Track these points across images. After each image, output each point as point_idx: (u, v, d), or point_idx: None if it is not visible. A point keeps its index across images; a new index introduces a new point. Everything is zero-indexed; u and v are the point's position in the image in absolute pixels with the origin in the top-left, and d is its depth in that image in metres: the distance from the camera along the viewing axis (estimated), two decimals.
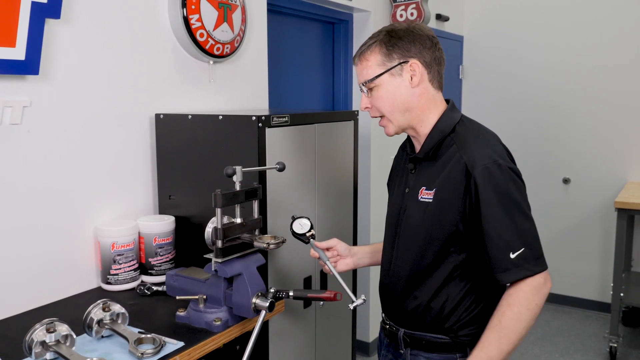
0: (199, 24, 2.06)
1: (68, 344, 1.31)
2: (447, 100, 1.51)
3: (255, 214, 1.57)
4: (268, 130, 1.78)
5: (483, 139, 1.43)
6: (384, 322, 1.61)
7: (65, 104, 1.75)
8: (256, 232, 1.57)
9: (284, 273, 1.97)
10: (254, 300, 1.47)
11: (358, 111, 2.39)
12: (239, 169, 1.49)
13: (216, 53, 2.16)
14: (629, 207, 3.46)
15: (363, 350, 3.61)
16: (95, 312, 1.40)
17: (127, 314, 1.46)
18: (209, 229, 1.50)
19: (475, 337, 1.43)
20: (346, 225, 2.34)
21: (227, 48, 2.21)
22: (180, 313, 1.55)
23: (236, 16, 2.21)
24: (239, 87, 2.40)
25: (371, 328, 3.61)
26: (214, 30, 2.12)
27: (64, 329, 1.31)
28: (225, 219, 1.51)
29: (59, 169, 1.75)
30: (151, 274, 1.87)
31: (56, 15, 1.63)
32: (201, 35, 2.08)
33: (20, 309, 1.66)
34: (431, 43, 1.43)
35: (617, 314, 3.53)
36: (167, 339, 1.41)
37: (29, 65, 1.59)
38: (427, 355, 1.47)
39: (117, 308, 1.44)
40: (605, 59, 4.13)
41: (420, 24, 1.47)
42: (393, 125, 1.46)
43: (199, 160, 1.90)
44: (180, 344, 1.40)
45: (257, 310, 1.47)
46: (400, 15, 3.52)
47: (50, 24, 1.66)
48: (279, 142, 1.86)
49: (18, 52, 1.55)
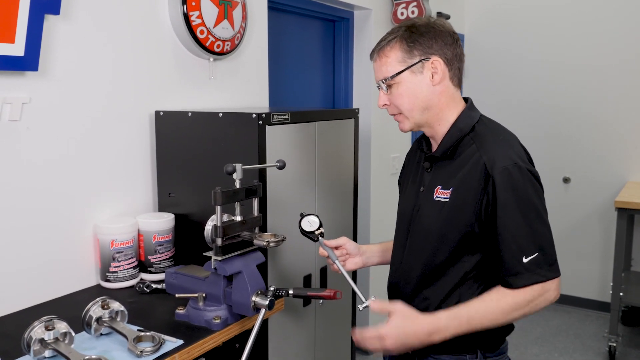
0: (199, 21, 2.05)
1: (67, 341, 1.31)
2: (466, 99, 1.48)
3: (255, 212, 1.56)
4: (268, 128, 1.78)
5: (503, 139, 1.40)
6: None
7: (64, 101, 1.74)
8: (256, 230, 1.56)
9: (283, 271, 1.96)
10: (253, 298, 1.47)
11: (358, 109, 2.38)
12: (239, 166, 1.49)
13: (216, 50, 2.16)
14: (629, 207, 3.46)
15: (362, 349, 3.60)
16: (94, 310, 1.40)
17: (126, 312, 1.45)
18: (208, 227, 1.50)
19: (486, 338, 1.42)
20: (346, 223, 2.33)
21: (228, 45, 2.20)
22: (180, 311, 1.55)
23: (237, 13, 2.21)
24: (239, 85, 2.40)
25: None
26: (214, 27, 2.11)
27: (62, 326, 1.31)
28: (225, 217, 1.50)
29: (58, 166, 1.74)
30: (150, 272, 1.86)
31: (55, 11, 1.63)
32: (201, 32, 2.07)
33: (19, 306, 1.65)
34: (452, 39, 1.40)
35: (617, 313, 3.53)
36: (166, 337, 1.40)
37: (28, 62, 1.58)
38: (436, 356, 1.44)
39: (116, 306, 1.44)
40: (606, 58, 4.13)
41: (441, 20, 1.44)
42: (409, 122, 1.43)
43: (199, 158, 1.90)
44: (180, 342, 1.40)
45: (257, 309, 1.47)
46: (401, 13, 3.51)
47: (49, 20, 1.65)
48: (279, 140, 1.86)
49: (17, 48, 1.54)
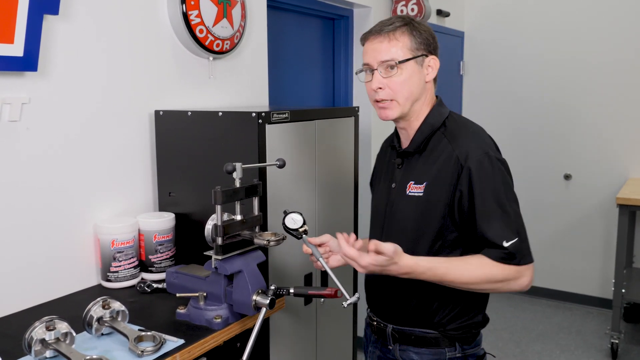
0: (198, 20, 2.05)
1: (68, 341, 1.31)
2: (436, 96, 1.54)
3: (256, 211, 1.56)
4: (268, 127, 1.78)
5: (473, 132, 1.45)
6: (370, 319, 1.61)
7: (64, 101, 1.74)
8: (256, 229, 1.56)
9: (284, 270, 1.96)
10: (254, 297, 1.46)
11: (359, 107, 2.38)
12: (239, 165, 1.49)
13: (216, 49, 2.15)
14: (630, 204, 3.45)
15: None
16: (95, 310, 1.40)
17: (127, 312, 1.45)
18: (209, 226, 1.49)
19: (464, 331, 1.46)
20: (347, 221, 2.33)
21: (227, 44, 2.20)
22: (181, 310, 1.55)
23: (236, 12, 2.20)
24: (239, 84, 2.40)
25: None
26: (213, 26, 2.11)
27: (63, 326, 1.31)
28: (225, 216, 1.50)
29: (58, 165, 1.74)
30: (151, 271, 1.86)
31: (54, 11, 1.62)
32: (200, 31, 2.07)
33: (20, 306, 1.65)
34: (437, 43, 1.48)
35: (619, 310, 3.53)
36: (167, 337, 1.40)
37: (28, 62, 1.58)
38: (416, 350, 1.48)
39: (117, 305, 1.44)
40: (607, 55, 4.12)
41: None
42: (398, 110, 1.44)
43: (199, 157, 1.90)
44: (181, 341, 1.40)
45: (258, 308, 1.47)
46: (401, 11, 3.50)
47: (48, 20, 1.65)
48: (279, 139, 1.85)
49: (16, 49, 1.54)
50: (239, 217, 1.51)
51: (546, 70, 4.36)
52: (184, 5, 2.01)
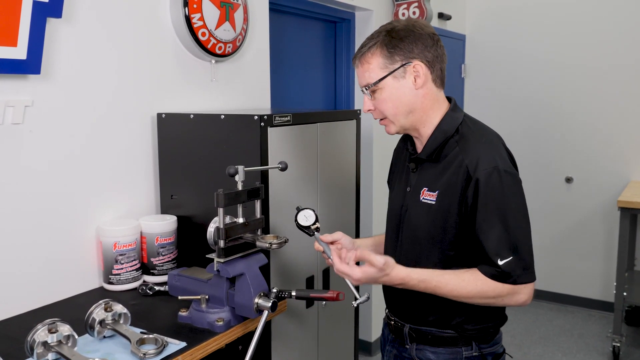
0: (200, 23, 2.05)
1: (70, 344, 1.31)
2: (449, 99, 1.49)
3: (258, 214, 1.56)
4: (270, 130, 1.78)
5: (486, 141, 1.41)
6: (388, 318, 1.61)
7: (67, 104, 1.74)
8: (258, 232, 1.56)
9: (286, 273, 1.96)
10: (256, 300, 1.47)
11: (360, 110, 2.38)
12: (241, 168, 1.49)
13: (218, 52, 2.16)
14: (632, 207, 3.45)
15: (365, 349, 3.60)
16: (97, 312, 1.40)
17: (129, 314, 1.45)
18: (211, 229, 1.50)
19: (482, 331, 1.45)
20: (349, 224, 2.33)
21: (229, 47, 2.20)
22: (183, 313, 1.55)
23: (238, 15, 2.21)
24: (241, 87, 2.40)
25: (374, 327, 3.60)
26: (215, 29, 2.11)
27: (65, 329, 1.31)
28: (228, 219, 1.50)
29: (61, 168, 1.75)
30: (153, 274, 1.86)
31: (57, 14, 1.63)
32: (203, 34, 2.07)
33: (22, 309, 1.65)
34: (432, 41, 1.41)
35: (620, 313, 3.52)
36: (169, 339, 1.40)
37: (31, 65, 1.58)
38: (433, 349, 1.47)
39: (119, 308, 1.44)
40: (608, 58, 4.12)
41: (420, 21, 1.45)
42: (395, 126, 1.45)
43: (201, 160, 1.90)
44: (183, 344, 1.40)
45: (260, 311, 1.47)
46: (403, 14, 3.51)
47: (51, 23, 1.65)
48: (281, 142, 1.86)
49: (19, 52, 1.55)
50: (241, 220, 1.51)
51: (547, 73, 4.36)
52: (186, 8, 2.01)
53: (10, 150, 1.61)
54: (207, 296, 1.53)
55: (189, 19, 2.02)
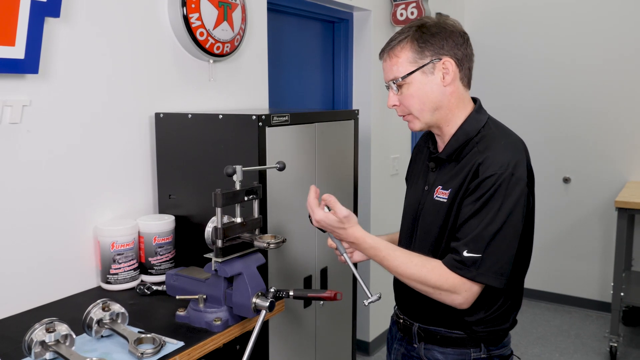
0: (198, 23, 2.05)
1: (68, 343, 1.31)
2: (474, 99, 1.48)
3: (256, 214, 1.56)
4: (268, 130, 1.78)
5: (505, 143, 1.39)
6: (397, 316, 1.60)
7: (65, 103, 1.74)
8: (256, 232, 1.56)
9: (284, 273, 1.96)
10: (254, 300, 1.47)
11: (358, 110, 2.39)
12: (239, 168, 1.49)
13: (216, 52, 2.16)
14: (629, 207, 3.45)
15: (363, 349, 3.61)
16: (95, 312, 1.40)
17: (127, 314, 1.45)
18: (209, 229, 1.50)
19: (492, 334, 1.44)
20: None
21: (227, 47, 2.20)
22: (180, 313, 1.55)
23: (236, 15, 2.21)
24: (239, 86, 2.40)
25: (371, 327, 3.60)
26: (214, 29, 2.11)
27: (63, 328, 1.31)
28: (226, 219, 1.50)
29: (58, 168, 1.74)
30: (151, 274, 1.86)
31: (56, 14, 1.63)
32: (201, 34, 2.07)
33: (20, 308, 1.65)
34: (463, 39, 1.40)
35: (618, 313, 3.53)
36: (167, 339, 1.40)
37: (29, 64, 1.58)
38: (441, 349, 1.46)
39: (117, 308, 1.44)
40: (607, 58, 4.12)
41: (451, 19, 1.44)
42: (420, 122, 1.43)
43: (199, 160, 1.90)
44: (180, 343, 1.40)
45: (257, 310, 1.47)
46: (401, 14, 3.51)
47: (49, 23, 1.65)
48: (279, 142, 1.86)
49: (17, 51, 1.55)
50: (239, 220, 1.51)
51: (545, 73, 4.36)
52: (184, 8, 2.01)
53: (8, 149, 1.61)
54: (205, 296, 1.53)
55: (187, 19, 2.02)
